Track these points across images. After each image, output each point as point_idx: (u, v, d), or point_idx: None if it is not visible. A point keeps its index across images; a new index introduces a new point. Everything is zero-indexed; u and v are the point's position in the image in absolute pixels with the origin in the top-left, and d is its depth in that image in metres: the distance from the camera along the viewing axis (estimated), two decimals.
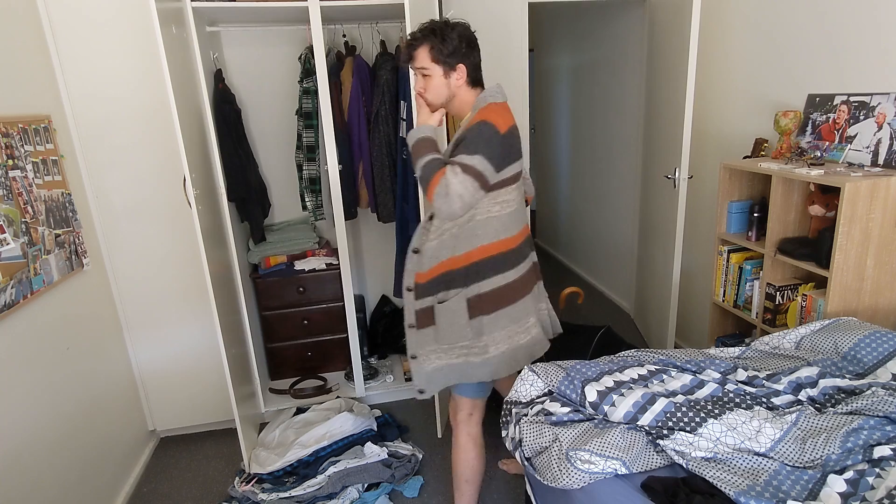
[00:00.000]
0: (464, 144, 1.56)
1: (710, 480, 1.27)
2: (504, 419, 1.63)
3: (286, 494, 2.17)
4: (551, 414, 1.50)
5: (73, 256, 2.14)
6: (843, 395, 1.50)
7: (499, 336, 1.69)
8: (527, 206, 1.88)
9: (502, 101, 1.66)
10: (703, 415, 1.39)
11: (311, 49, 2.47)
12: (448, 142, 2.68)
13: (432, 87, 1.66)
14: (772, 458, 1.32)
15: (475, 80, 1.69)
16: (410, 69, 1.84)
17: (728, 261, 2.40)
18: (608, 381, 1.53)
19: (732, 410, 1.41)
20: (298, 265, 2.82)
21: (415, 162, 1.61)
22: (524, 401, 1.62)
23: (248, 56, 2.78)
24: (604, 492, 1.30)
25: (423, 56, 1.63)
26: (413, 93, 1.99)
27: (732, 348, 1.83)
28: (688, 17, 2.56)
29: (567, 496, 1.36)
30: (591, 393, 1.49)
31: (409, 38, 1.66)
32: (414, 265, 1.73)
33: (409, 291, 1.74)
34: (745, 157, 2.48)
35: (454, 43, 1.61)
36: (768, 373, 1.61)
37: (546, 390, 1.61)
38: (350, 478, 2.21)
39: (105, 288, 2.41)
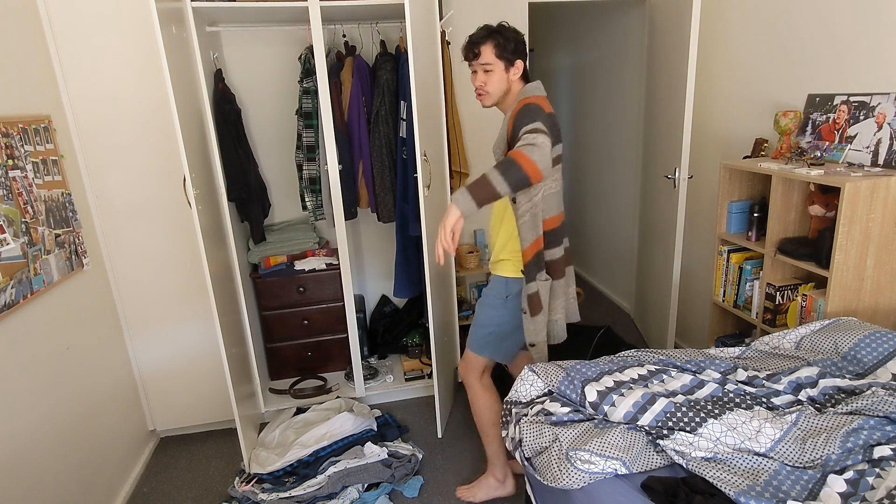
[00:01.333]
0: (520, 123, 1.69)
1: (710, 480, 1.27)
2: (504, 419, 1.64)
3: (286, 494, 2.17)
4: (551, 414, 1.50)
5: (73, 256, 2.14)
6: (843, 395, 1.50)
7: (557, 304, 1.91)
8: None
9: (541, 95, 1.82)
10: (703, 415, 1.39)
11: (311, 49, 2.47)
12: (449, 145, 2.69)
13: (493, 81, 1.83)
14: (772, 458, 1.32)
15: (525, 76, 1.88)
16: (469, 67, 1.94)
17: (728, 261, 2.40)
18: (608, 381, 1.53)
19: (732, 410, 1.41)
20: (298, 265, 2.82)
21: (493, 188, 1.55)
22: (524, 401, 1.62)
23: (248, 56, 2.78)
24: (604, 492, 1.30)
25: (487, 53, 1.81)
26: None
27: (732, 348, 1.83)
28: (688, 17, 2.56)
29: (567, 496, 1.36)
30: (591, 393, 1.49)
31: (472, 38, 1.85)
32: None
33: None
34: (745, 157, 2.48)
35: (514, 41, 1.82)
36: (768, 373, 1.61)
37: (546, 390, 1.61)
38: (350, 478, 2.21)
39: (105, 288, 2.41)
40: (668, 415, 1.40)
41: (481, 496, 2.19)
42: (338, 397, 2.79)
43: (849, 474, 1.21)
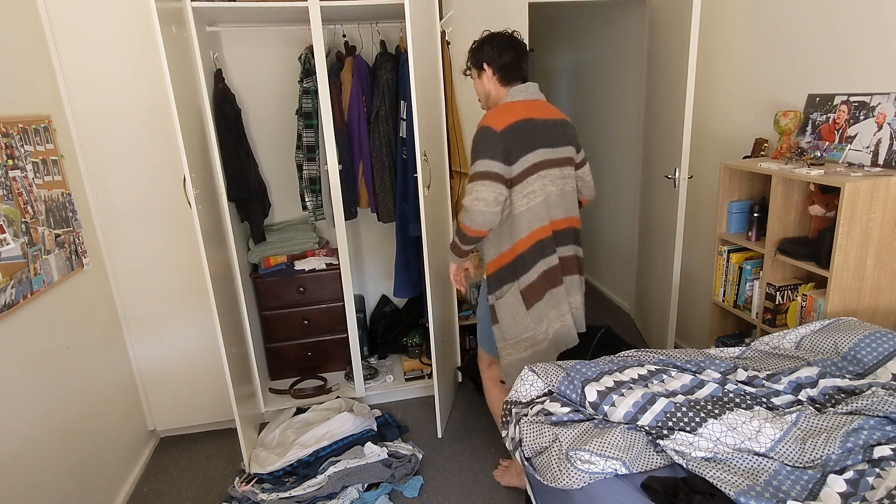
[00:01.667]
0: (471, 159, 1.80)
1: (710, 480, 1.27)
2: (504, 419, 1.64)
3: (286, 494, 2.17)
4: (551, 414, 1.50)
5: (73, 256, 2.14)
6: (843, 395, 1.50)
7: (553, 315, 1.92)
8: (581, 206, 2.08)
9: (518, 100, 1.83)
10: (703, 415, 1.39)
11: (311, 49, 2.47)
12: (449, 145, 2.70)
13: (476, 86, 1.99)
14: (772, 458, 1.32)
15: (505, 78, 1.90)
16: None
17: (728, 261, 2.40)
18: (608, 381, 1.53)
19: (732, 410, 1.41)
20: (298, 265, 2.82)
21: (461, 248, 1.88)
22: (524, 401, 1.62)
23: (248, 56, 2.78)
24: (604, 492, 1.30)
25: (469, 64, 1.97)
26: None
27: (732, 348, 1.83)
28: (688, 17, 2.56)
29: (567, 496, 1.36)
30: (591, 393, 1.49)
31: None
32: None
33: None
34: (745, 157, 2.48)
35: (484, 48, 1.89)
36: (768, 373, 1.61)
37: (546, 390, 1.61)
38: (350, 478, 2.21)
39: (105, 288, 2.41)
40: (668, 415, 1.40)
41: (505, 482, 2.27)
42: (338, 397, 2.79)
43: (849, 474, 1.21)
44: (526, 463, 1.46)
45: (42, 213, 1.94)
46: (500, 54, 1.86)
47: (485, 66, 1.89)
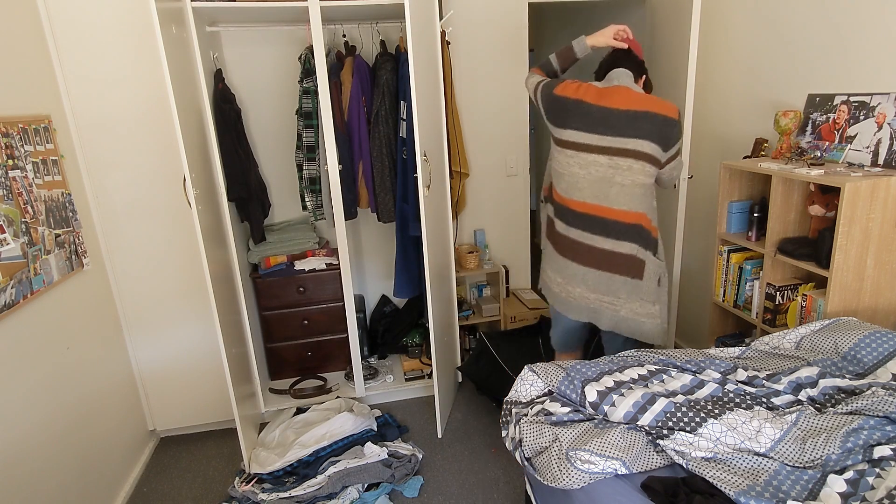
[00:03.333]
0: None
1: (710, 480, 1.27)
2: (504, 419, 1.64)
3: (286, 494, 2.17)
4: (551, 414, 1.50)
5: (73, 256, 2.14)
6: (843, 395, 1.50)
7: (547, 267, 2.11)
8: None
9: (592, 84, 2.05)
10: (703, 415, 1.39)
11: (311, 49, 2.47)
12: (449, 145, 2.69)
13: None
14: (772, 458, 1.32)
15: (597, 73, 2.22)
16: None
17: (728, 261, 2.40)
18: (608, 381, 1.53)
19: (732, 410, 1.41)
20: (298, 265, 2.82)
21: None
22: (524, 401, 1.62)
23: (248, 56, 2.78)
24: (604, 492, 1.30)
25: None
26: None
27: (732, 348, 1.83)
28: (688, 17, 2.57)
29: (567, 496, 1.36)
30: (591, 393, 1.49)
31: None
32: None
33: None
34: (745, 157, 2.48)
35: None
36: (768, 373, 1.61)
37: (546, 390, 1.61)
38: (350, 478, 2.21)
39: (105, 288, 2.41)
40: (668, 415, 1.40)
41: None
42: (338, 397, 2.79)
43: (849, 474, 1.21)
44: (526, 463, 1.46)
45: (42, 213, 1.94)
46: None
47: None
